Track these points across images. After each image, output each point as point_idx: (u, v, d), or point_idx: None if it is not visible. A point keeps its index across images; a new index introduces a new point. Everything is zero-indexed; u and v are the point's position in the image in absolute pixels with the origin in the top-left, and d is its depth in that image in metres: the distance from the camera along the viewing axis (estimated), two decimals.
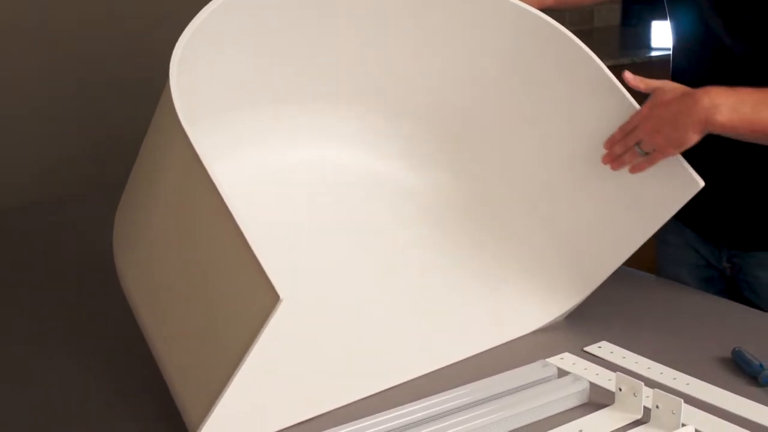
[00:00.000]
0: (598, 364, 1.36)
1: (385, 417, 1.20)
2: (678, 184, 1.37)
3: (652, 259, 1.76)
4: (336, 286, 1.47)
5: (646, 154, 1.37)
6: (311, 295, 1.44)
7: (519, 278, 1.51)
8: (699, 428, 1.18)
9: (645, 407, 1.22)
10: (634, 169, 1.39)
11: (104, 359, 1.40)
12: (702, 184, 1.35)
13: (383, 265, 1.52)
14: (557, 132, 1.49)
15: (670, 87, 1.36)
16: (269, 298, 0.97)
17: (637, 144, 1.36)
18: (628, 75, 1.38)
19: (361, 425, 1.19)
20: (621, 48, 3.67)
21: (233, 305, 1.06)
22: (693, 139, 1.33)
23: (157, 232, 1.25)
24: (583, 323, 1.49)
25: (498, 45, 1.46)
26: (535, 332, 1.47)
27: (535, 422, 1.22)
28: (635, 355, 1.38)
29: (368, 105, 1.54)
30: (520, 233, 1.54)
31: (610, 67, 1.42)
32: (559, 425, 1.21)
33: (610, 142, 1.40)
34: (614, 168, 1.41)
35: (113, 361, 1.39)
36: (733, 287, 1.65)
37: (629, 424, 1.21)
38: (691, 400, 1.26)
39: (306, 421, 1.24)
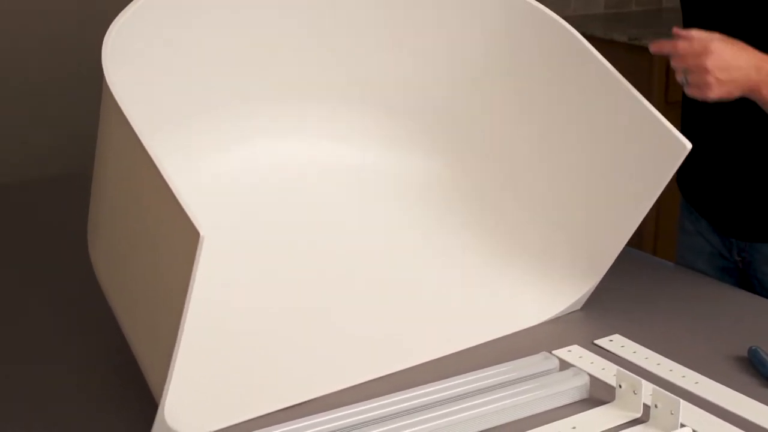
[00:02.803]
0: (606, 358, 1.31)
1: (372, 405, 1.17)
2: (666, 149, 1.30)
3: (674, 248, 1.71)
4: (339, 276, 1.46)
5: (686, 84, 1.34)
6: (312, 284, 1.44)
7: (526, 268, 1.46)
8: (699, 430, 1.12)
9: (645, 405, 1.16)
10: None
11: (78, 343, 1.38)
12: (689, 146, 1.28)
13: (386, 255, 1.50)
14: (553, 120, 1.45)
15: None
16: (192, 237, 0.95)
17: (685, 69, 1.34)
18: (654, 46, 1.35)
19: (353, 410, 1.16)
20: None
21: (167, 256, 1.06)
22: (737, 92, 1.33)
23: (108, 208, 1.25)
24: (598, 315, 1.43)
25: (485, 32, 1.44)
26: (547, 322, 1.42)
27: (529, 417, 1.17)
28: (646, 350, 1.32)
29: (357, 101, 1.53)
30: (523, 223, 1.49)
31: None
32: (553, 421, 1.16)
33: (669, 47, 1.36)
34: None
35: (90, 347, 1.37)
36: (747, 282, 1.58)
37: (627, 422, 1.15)
38: (696, 400, 1.20)
39: (296, 405, 1.21)
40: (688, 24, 1.55)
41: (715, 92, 1.31)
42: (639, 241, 2.74)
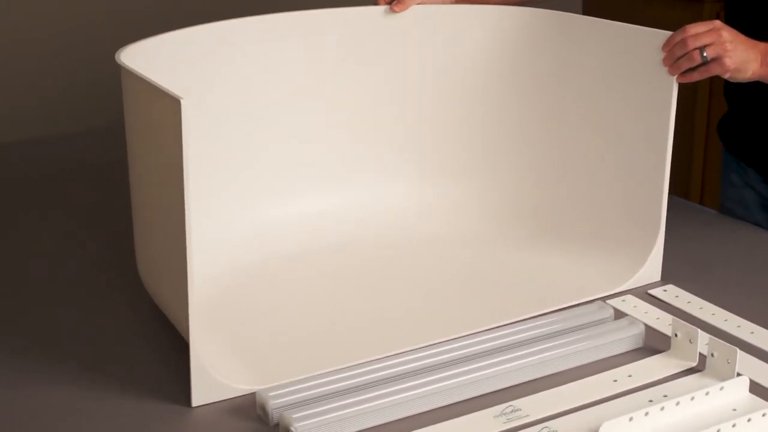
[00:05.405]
0: (660, 308, 1.31)
1: (432, 351, 1.19)
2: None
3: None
4: (417, 258, 1.52)
5: (706, 62, 1.30)
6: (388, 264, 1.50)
7: (591, 245, 1.49)
8: (756, 379, 1.13)
9: (701, 354, 1.17)
10: (681, 78, 1.33)
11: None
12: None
13: (458, 243, 1.56)
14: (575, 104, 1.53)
15: None
16: (174, 107, 1.00)
17: (702, 48, 1.30)
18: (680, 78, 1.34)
19: (411, 356, 1.18)
20: None
21: (158, 139, 1.11)
22: (753, 68, 1.32)
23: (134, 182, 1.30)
24: None
25: (505, 46, 1.59)
26: (603, 273, 1.41)
27: (585, 364, 1.18)
28: (701, 300, 1.33)
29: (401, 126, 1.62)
30: (582, 213, 1.54)
31: None
32: (609, 369, 1.17)
33: (669, 45, 1.33)
34: (672, 73, 1.33)
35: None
36: None
37: (682, 371, 1.16)
38: (753, 350, 1.20)
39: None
40: (729, 12, 1.56)
41: (736, 57, 1.31)
42: (685, 193, 2.72)
